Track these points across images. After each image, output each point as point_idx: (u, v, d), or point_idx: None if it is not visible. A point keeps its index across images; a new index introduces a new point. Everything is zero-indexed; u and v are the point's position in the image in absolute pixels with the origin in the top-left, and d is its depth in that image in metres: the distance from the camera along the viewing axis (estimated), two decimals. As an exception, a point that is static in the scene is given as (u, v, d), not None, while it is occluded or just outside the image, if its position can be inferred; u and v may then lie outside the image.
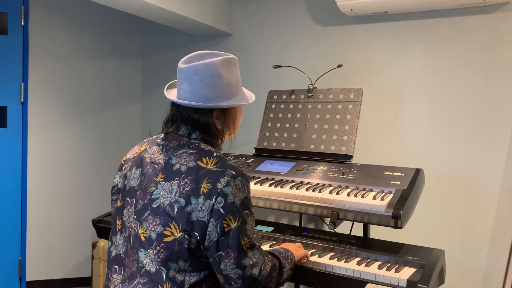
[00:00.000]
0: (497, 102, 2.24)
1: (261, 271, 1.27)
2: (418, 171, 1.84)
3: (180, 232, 1.18)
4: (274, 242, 1.83)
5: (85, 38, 3.38)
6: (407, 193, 1.71)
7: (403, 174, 1.84)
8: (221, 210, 1.18)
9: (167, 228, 1.19)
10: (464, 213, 2.31)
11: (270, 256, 1.38)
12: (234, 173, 1.22)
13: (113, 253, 1.34)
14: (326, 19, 2.72)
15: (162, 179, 1.25)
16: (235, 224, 1.20)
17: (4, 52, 3.13)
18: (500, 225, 2.22)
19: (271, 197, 1.89)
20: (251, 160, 2.23)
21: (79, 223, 3.40)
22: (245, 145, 3.03)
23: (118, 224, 1.34)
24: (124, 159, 1.44)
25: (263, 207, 1.92)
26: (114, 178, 1.43)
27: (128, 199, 1.33)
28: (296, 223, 2.68)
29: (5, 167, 3.18)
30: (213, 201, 1.18)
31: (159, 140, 1.38)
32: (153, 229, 1.21)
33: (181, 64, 1.32)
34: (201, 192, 1.19)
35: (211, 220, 1.18)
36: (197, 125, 1.33)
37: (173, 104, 1.38)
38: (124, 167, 1.41)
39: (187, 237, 1.18)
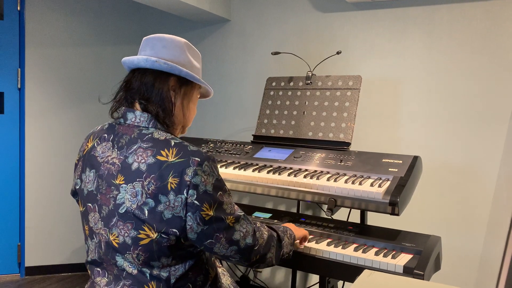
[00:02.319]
0: (496, 90, 2.23)
1: (255, 239, 1.25)
2: (415, 159, 1.85)
3: (155, 233, 1.13)
4: (272, 229, 1.84)
5: (83, 23, 3.35)
6: (404, 180, 1.71)
7: (400, 162, 1.84)
8: (196, 202, 1.11)
9: (141, 232, 1.14)
10: (461, 200, 2.32)
11: (266, 226, 1.38)
12: (199, 159, 1.13)
13: (89, 258, 1.30)
14: (326, 5, 2.70)
15: (123, 182, 1.16)
16: (214, 210, 1.15)
17: (0, 37, 3.11)
18: (497, 212, 2.23)
19: (269, 184, 1.89)
20: (249, 147, 2.23)
21: (77, 208, 3.40)
22: (243, 132, 3.03)
23: (86, 230, 1.29)
24: (77, 158, 1.34)
25: (261, 194, 1.93)
26: (74, 180, 1.34)
27: (89, 204, 1.25)
28: (294, 210, 2.70)
29: (3, 153, 3.18)
30: (185, 195, 1.11)
31: (105, 135, 1.27)
32: (126, 234, 1.15)
33: (144, 37, 1.34)
34: (169, 188, 1.11)
35: (188, 214, 1.12)
36: (150, 94, 1.23)
37: (128, 74, 1.31)
38: (77, 168, 1.32)
39: (164, 236, 1.13)
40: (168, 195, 1.11)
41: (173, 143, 1.17)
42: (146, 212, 1.12)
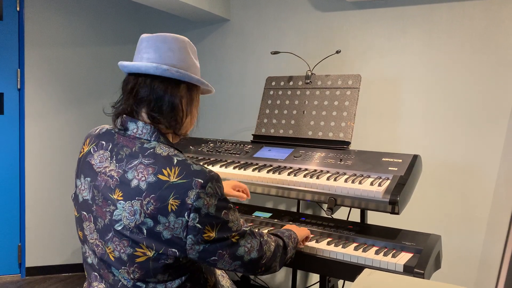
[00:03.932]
0: (495, 89, 2.24)
1: (262, 253, 1.23)
2: (415, 157, 1.85)
3: (153, 251, 1.09)
4: (272, 228, 1.84)
5: (82, 24, 3.34)
6: (404, 179, 1.71)
7: (400, 160, 1.84)
8: (198, 225, 1.07)
9: (138, 249, 1.09)
10: (461, 199, 2.32)
11: (273, 236, 1.36)
12: (202, 181, 1.07)
13: (89, 260, 1.26)
14: (325, 4, 2.70)
15: (121, 198, 1.10)
16: (217, 231, 1.10)
17: (-1, 38, 3.11)
18: (497, 211, 2.24)
19: (269, 184, 1.89)
20: (249, 146, 2.23)
21: (77, 209, 3.40)
22: (243, 131, 3.03)
23: (80, 235, 1.25)
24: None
25: (261, 194, 1.93)
26: None
27: (84, 213, 1.20)
28: (294, 209, 2.70)
29: (3, 153, 3.18)
30: (186, 218, 1.06)
31: (103, 142, 1.21)
32: (122, 250, 1.11)
33: (144, 35, 1.23)
34: (169, 209, 1.06)
35: (189, 236, 1.07)
36: (160, 104, 1.16)
37: (128, 78, 1.20)
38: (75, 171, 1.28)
39: (163, 255, 1.09)
40: (168, 217, 1.07)
41: (175, 161, 1.10)
42: (145, 231, 1.08)
